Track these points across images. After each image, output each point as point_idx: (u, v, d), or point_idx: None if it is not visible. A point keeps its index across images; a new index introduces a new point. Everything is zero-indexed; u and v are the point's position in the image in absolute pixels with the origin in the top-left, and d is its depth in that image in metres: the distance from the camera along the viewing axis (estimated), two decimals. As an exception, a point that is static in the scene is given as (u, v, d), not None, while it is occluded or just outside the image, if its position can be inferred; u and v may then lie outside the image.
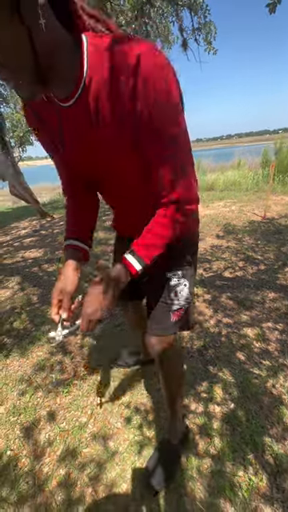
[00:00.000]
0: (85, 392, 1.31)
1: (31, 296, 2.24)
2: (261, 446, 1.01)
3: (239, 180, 6.49)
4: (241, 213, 4.14)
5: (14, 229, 4.64)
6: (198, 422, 1.13)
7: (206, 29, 2.68)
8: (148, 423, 1.14)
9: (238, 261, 2.56)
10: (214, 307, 1.88)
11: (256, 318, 1.74)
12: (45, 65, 0.45)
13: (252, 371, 1.34)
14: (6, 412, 1.24)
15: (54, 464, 1.03)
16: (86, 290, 0.66)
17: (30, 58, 0.42)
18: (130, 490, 0.93)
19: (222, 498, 0.88)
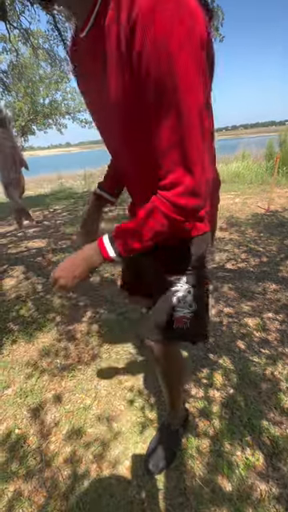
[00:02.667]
0: (89, 376, 1.36)
1: (36, 285, 2.28)
2: (258, 429, 1.06)
3: (243, 172, 6.42)
4: (244, 205, 4.12)
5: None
6: (198, 405, 1.17)
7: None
8: (150, 405, 1.18)
9: (241, 253, 2.58)
10: (215, 297, 1.91)
11: (257, 308, 1.76)
12: None
13: (252, 359, 1.37)
14: (14, 394, 1.29)
15: (60, 442, 1.08)
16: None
17: None
18: (132, 466, 0.98)
19: (219, 475, 0.93)
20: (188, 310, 0.72)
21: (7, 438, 1.11)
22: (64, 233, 3.60)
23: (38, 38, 5.79)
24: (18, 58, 6.84)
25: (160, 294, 0.74)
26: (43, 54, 6.12)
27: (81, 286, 2.14)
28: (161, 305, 0.74)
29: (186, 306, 0.72)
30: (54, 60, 6.02)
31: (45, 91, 9.42)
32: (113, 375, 1.35)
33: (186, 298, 0.72)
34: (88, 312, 1.88)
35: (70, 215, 4.52)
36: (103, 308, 1.91)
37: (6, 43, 5.89)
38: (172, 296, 0.72)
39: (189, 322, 0.73)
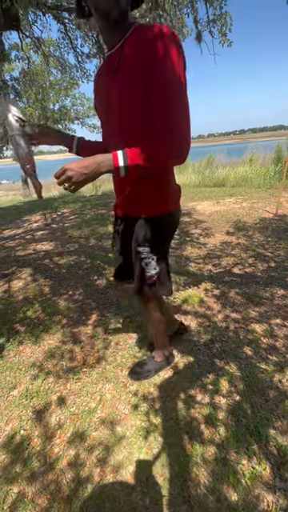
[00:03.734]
0: (94, 379, 1.36)
1: (43, 287, 2.31)
2: (265, 438, 1.03)
3: (251, 176, 6.38)
4: (252, 209, 4.08)
5: (25, 222, 4.73)
6: (204, 411, 1.15)
7: (221, 20, 2.63)
8: (155, 411, 1.17)
9: (248, 257, 2.55)
10: (222, 302, 1.89)
11: (264, 314, 1.74)
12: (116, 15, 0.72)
13: (259, 366, 1.35)
14: (20, 395, 1.30)
15: (64, 445, 1.08)
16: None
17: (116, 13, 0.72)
18: (136, 472, 0.97)
19: (225, 484, 0.91)
20: (154, 272, 1.01)
21: (12, 438, 1.12)
22: (71, 236, 3.64)
23: (49, 46, 5.94)
24: (29, 66, 7.03)
25: (134, 259, 1.03)
26: (54, 62, 6.27)
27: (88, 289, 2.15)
28: (136, 268, 1.03)
29: (151, 269, 1.01)
30: (64, 67, 6.16)
31: (54, 97, 9.63)
32: (118, 379, 1.35)
33: (151, 263, 1.00)
34: (94, 315, 1.89)
35: (78, 218, 4.57)
36: (109, 311, 1.92)
37: (19, 51, 6.07)
38: (141, 262, 1.00)
39: (156, 280, 1.02)
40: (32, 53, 6.37)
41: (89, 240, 3.39)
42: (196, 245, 2.96)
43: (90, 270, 2.56)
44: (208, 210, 4.28)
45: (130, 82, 0.74)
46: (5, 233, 4.15)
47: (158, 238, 0.98)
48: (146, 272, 1.00)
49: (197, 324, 1.70)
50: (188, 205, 4.79)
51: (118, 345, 1.59)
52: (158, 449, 1.03)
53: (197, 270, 2.38)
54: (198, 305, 1.89)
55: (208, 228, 3.46)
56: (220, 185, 6.60)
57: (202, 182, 7.05)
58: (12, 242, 3.62)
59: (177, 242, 3.08)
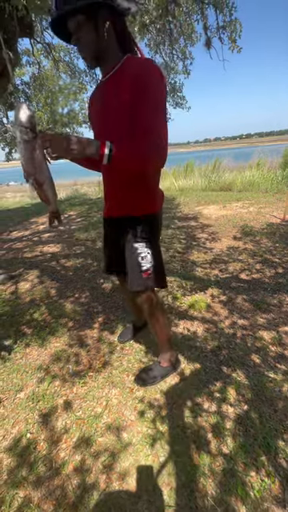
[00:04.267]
0: (100, 384, 1.35)
1: (49, 289, 2.32)
2: (274, 449, 1.01)
3: (258, 181, 6.34)
4: (259, 214, 4.06)
5: (33, 224, 4.79)
6: (211, 420, 1.14)
7: (230, 27, 2.64)
8: (161, 418, 1.16)
9: (255, 263, 2.53)
10: (229, 308, 1.87)
11: (272, 321, 1.71)
12: (98, 52, 0.89)
13: (267, 375, 1.33)
14: (26, 398, 1.31)
15: (70, 450, 1.08)
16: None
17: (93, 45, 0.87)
18: (142, 480, 0.96)
19: (233, 496, 0.90)
20: (149, 265, 1.08)
21: (18, 442, 1.12)
22: (78, 238, 3.66)
23: (59, 51, 6.04)
24: (39, 71, 7.15)
25: (130, 256, 1.09)
26: (63, 67, 6.37)
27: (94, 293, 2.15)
28: (132, 264, 1.09)
29: (147, 263, 1.08)
30: (73, 72, 6.26)
31: (63, 101, 9.77)
32: (124, 384, 1.34)
33: (147, 257, 1.08)
34: (100, 318, 1.89)
35: (84, 221, 4.60)
36: (115, 315, 1.92)
37: (30, 57, 6.18)
38: (138, 256, 1.07)
39: (152, 274, 1.09)
40: (42, 58, 6.49)
41: (95, 243, 3.41)
42: (202, 249, 2.95)
43: (97, 272, 2.57)
44: (214, 215, 4.27)
45: (122, 105, 0.89)
46: (12, 234, 4.20)
47: (151, 234, 1.10)
48: (142, 266, 1.08)
49: (204, 330, 1.69)
50: (194, 209, 4.78)
51: (124, 349, 1.58)
52: (164, 457, 1.02)
53: (203, 275, 2.36)
54: (204, 310, 1.87)
55: (214, 232, 3.45)
56: (227, 189, 6.58)
57: (209, 186, 7.04)
58: (19, 244, 3.66)
59: (183, 246, 3.07)
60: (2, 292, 2.33)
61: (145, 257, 1.08)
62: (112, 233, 1.20)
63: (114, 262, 1.24)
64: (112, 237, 1.20)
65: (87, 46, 0.88)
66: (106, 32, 0.86)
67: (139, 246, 1.07)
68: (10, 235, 4.17)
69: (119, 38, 0.91)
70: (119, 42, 0.92)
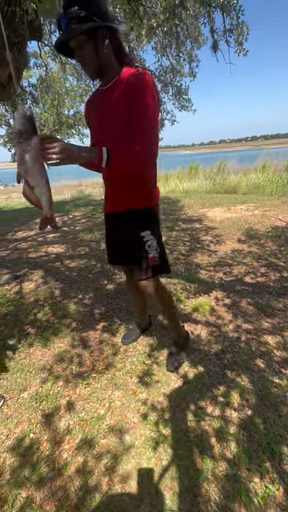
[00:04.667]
0: (103, 385, 1.35)
1: (53, 290, 2.34)
2: (278, 455, 1.00)
3: (263, 183, 6.31)
4: (264, 217, 4.03)
5: (38, 224, 4.82)
6: (215, 424, 1.13)
7: (238, 30, 2.65)
8: (164, 421, 1.16)
9: (260, 266, 2.51)
10: (233, 312, 1.86)
11: (277, 325, 1.70)
12: (99, 67, 0.99)
13: (272, 380, 1.32)
14: (30, 397, 1.31)
15: (73, 451, 1.08)
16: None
17: (95, 61, 0.96)
18: (145, 483, 0.96)
19: (236, 503, 0.89)
20: (156, 252, 1.17)
21: (22, 441, 1.12)
22: (82, 239, 3.68)
23: (66, 54, 6.11)
24: (46, 73, 7.23)
25: (137, 245, 1.17)
26: (70, 69, 6.44)
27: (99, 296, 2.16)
28: (139, 253, 1.17)
29: (153, 250, 1.17)
30: (79, 74, 6.31)
31: (70, 103, 9.86)
32: (127, 386, 1.34)
33: (153, 245, 1.17)
34: (103, 320, 1.89)
35: (89, 222, 4.62)
36: (119, 316, 1.92)
37: (37, 59, 6.26)
38: (144, 245, 1.16)
39: (158, 260, 1.18)
40: (50, 60, 6.55)
41: (100, 244, 3.42)
42: (206, 252, 2.94)
43: (101, 274, 2.58)
44: (219, 217, 4.26)
45: (120, 111, 0.98)
46: (17, 234, 4.24)
47: (155, 223, 1.20)
48: (149, 254, 1.16)
49: (207, 333, 1.68)
50: (199, 211, 4.78)
51: (128, 351, 1.58)
52: (167, 461, 1.02)
53: (207, 278, 2.35)
54: (208, 313, 1.86)
55: (219, 235, 3.44)
56: (231, 191, 6.56)
57: (213, 188, 7.02)
58: (24, 244, 3.69)
59: (187, 248, 3.07)
60: (6, 292, 2.35)
61: (151, 245, 1.17)
62: (115, 228, 1.26)
63: (118, 256, 1.31)
64: (115, 231, 1.26)
65: (89, 63, 0.97)
66: (105, 49, 0.96)
67: (145, 235, 1.16)
68: (15, 235, 4.21)
69: (116, 52, 1.01)
70: (116, 55, 1.02)
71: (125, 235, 1.21)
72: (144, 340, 1.65)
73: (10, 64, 0.98)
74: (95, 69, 0.98)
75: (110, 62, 1.00)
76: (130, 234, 1.19)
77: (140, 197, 1.14)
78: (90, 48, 0.93)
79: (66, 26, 0.88)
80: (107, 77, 1.02)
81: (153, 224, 1.19)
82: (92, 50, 0.93)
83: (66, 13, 0.87)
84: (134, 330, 1.69)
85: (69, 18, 0.87)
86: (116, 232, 1.26)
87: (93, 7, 0.87)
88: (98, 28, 0.90)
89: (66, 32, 0.90)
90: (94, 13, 0.87)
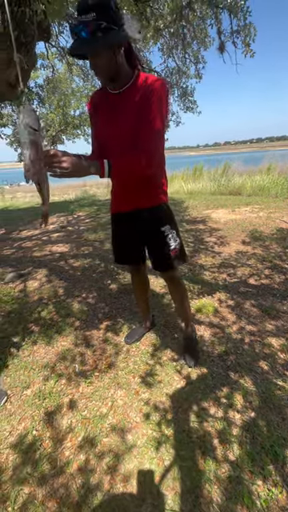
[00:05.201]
0: (106, 384, 1.36)
1: (57, 288, 2.35)
2: (282, 458, 0.99)
3: (268, 185, 6.27)
4: (269, 219, 4.01)
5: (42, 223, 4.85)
6: (217, 426, 1.12)
7: (245, 31, 2.64)
8: (167, 421, 1.15)
9: (264, 268, 2.49)
10: (237, 313, 1.85)
11: (282, 328, 1.69)
12: (114, 73, 0.99)
13: (275, 382, 1.31)
14: (33, 395, 1.32)
15: (75, 449, 1.08)
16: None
17: (111, 69, 0.97)
18: (146, 483, 0.96)
19: (239, 504, 0.88)
20: (176, 243, 1.26)
21: (24, 438, 1.13)
22: (86, 239, 3.69)
23: (73, 55, 6.16)
24: (53, 74, 7.30)
25: (158, 240, 1.25)
26: (77, 70, 6.49)
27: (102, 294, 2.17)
28: (161, 245, 1.25)
29: (174, 241, 1.26)
30: (86, 75, 6.36)
31: (75, 103, 9.93)
32: (130, 385, 1.34)
33: (174, 236, 1.25)
34: (106, 319, 1.90)
35: (93, 222, 4.64)
36: (122, 316, 1.92)
37: (44, 60, 6.32)
38: (166, 237, 1.24)
39: (178, 251, 1.27)
40: (56, 61, 6.62)
41: (104, 244, 3.43)
42: (210, 253, 2.93)
43: (104, 273, 2.59)
44: (223, 219, 4.24)
45: (136, 116, 1.01)
46: (22, 233, 4.27)
47: (172, 217, 1.28)
48: (170, 246, 1.24)
49: (211, 334, 1.67)
50: (203, 212, 4.76)
51: (130, 351, 1.58)
52: (169, 461, 1.02)
53: (211, 279, 2.35)
54: (212, 314, 1.86)
55: (223, 236, 3.42)
56: (236, 193, 6.53)
57: (218, 189, 7.00)
58: (29, 243, 3.72)
59: (191, 249, 3.06)
60: (11, 290, 2.37)
61: (172, 237, 1.25)
62: (128, 226, 1.29)
63: (130, 253, 1.37)
64: (128, 229, 1.30)
65: (105, 71, 0.97)
66: (121, 57, 0.97)
67: (166, 229, 1.23)
68: (19, 234, 4.24)
69: (128, 56, 1.03)
70: (127, 58, 1.03)
71: (142, 233, 1.27)
72: (147, 340, 1.65)
73: (17, 65, 0.99)
74: (110, 76, 0.99)
75: (124, 67, 1.01)
76: (150, 230, 1.25)
77: (155, 194, 1.20)
78: (106, 57, 0.92)
79: (86, 34, 0.84)
80: (120, 81, 1.02)
81: (171, 218, 1.27)
82: (109, 59, 0.93)
83: (84, 22, 0.83)
84: (137, 330, 1.69)
85: (88, 27, 0.83)
86: (129, 231, 1.29)
87: (110, 13, 0.84)
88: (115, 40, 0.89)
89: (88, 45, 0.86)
90: (111, 20, 0.85)
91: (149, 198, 1.20)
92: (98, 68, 0.96)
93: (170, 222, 1.25)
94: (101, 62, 0.93)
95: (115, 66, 0.96)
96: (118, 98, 1.05)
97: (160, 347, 1.59)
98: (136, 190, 1.17)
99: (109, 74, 0.98)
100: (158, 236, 1.24)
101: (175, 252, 1.26)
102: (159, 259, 1.31)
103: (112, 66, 0.96)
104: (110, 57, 0.93)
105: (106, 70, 0.97)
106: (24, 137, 0.87)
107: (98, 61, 0.93)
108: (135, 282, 1.55)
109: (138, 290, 1.58)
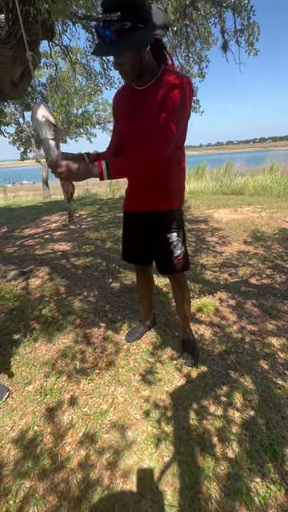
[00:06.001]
0: (106, 381, 1.37)
1: (59, 287, 2.36)
2: (281, 456, 1.00)
3: (270, 185, 6.26)
4: (271, 219, 4.00)
5: (44, 222, 4.87)
6: (217, 424, 1.13)
7: (248, 30, 2.63)
8: (166, 419, 1.16)
9: (266, 268, 2.49)
10: (238, 313, 1.86)
11: (282, 327, 1.69)
12: (139, 72, 0.97)
13: (275, 381, 1.31)
14: (34, 391, 1.33)
15: (76, 445, 1.09)
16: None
17: (135, 68, 0.94)
18: (146, 479, 0.97)
19: (237, 501, 0.89)
20: (180, 251, 1.25)
21: (26, 434, 1.14)
22: (88, 237, 3.70)
23: (76, 53, 6.16)
24: (56, 72, 7.31)
25: (163, 245, 1.24)
26: (80, 69, 6.49)
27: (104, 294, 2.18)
28: (165, 251, 1.24)
29: (178, 249, 1.24)
30: (89, 74, 6.35)
31: (78, 102, 9.93)
32: (130, 383, 1.35)
33: (178, 244, 1.24)
34: (107, 317, 1.91)
35: (95, 221, 4.65)
36: (123, 314, 1.93)
37: (48, 58, 6.32)
38: (170, 244, 1.23)
39: (182, 258, 1.26)
40: (60, 60, 6.62)
41: (105, 242, 3.44)
42: (212, 253, 2.93)
43: (106, 272, 2.60)
44: (225, 218, 4.24)
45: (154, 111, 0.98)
46: (25, 232, 4.29)
47: (181, 224, 1.26)
48: (174, 253, 1.23)
49: (211, 333, 1.68)
50: (205, 212, 4.76)
51: (131, 349, 1.59)
52: (168, 457, 1.02)
53: (212, 279, 2.35)
54: (212, 314, 1.86)
55: (225, 236, 3.42)
56: (238, 193, 6.52)
57: (220, 189, 6.99)
58: (31, 241, 3.73)
59: (193, 249, 3.06)
60: (13, 287, 2.39)
61: (176, 245, 1.23)
62: (139, 225, 1.29)
63: (138, 252, 1.38)
64: (139, 229, 1.29)
65: (129, 71, 0.94)
66: (146, 54, 0.93)
67: (173, 236, 1.22)
68: (22, 232, 4.26)
69: (154, 51, 0.98)
70: (154, 53, 0.99)
71: (150, 234, 1.26)
72: (148, 338, 1.66)
73: (30, 64, 0.99)
74: (135, 75, 0.96)
75: (150, 63, 0.97)
76: (156, 232, 1.24)
77: (168, 198, 1.18)
78: (131, 57, 0.90)
79: (111, 34, 0.81)
80: (145, 77, 0.99)
81: (179, 225, 1.24)
82: (134, 59, 0.91)
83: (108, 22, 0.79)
84: (137, 328, 1.70)
85: (113, 27, 0.79)
86: (141, 230, 1.29)
87: (137, 11, 0.80)
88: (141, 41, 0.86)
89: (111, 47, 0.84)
90: (137, 19, 0.81)
91: (163, 200, 1.17)
92: (121, 68, 0.94)
93: (178, 229, 1.23)
94: (124, 62, 0.91)
95: (140, 64, 0.93)
96: (141, 94, 1.02)
97: (160, 345, 1.59)
98: (151, 190, 1.15)
99: (133, 73, 0.95)
100: (164, 241, 1.23)
101: (178, 260, 1.25)
102: (162, 263, 1.31)
103: (136, 66, 0.93)
104: (135, 56, 0.90)
105: (130, 70, 0.94)
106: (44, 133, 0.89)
107: (122, 61, 0.92)
108: (140, 280, 1.56)
109: (142, 288, 1.59)
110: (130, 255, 1.41)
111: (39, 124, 0.89)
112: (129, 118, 1.08)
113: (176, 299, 1.50)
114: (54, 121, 0.91)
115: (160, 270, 1.34)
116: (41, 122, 0.88)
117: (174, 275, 1.36)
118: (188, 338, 1.53)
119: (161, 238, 1.23)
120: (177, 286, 1.41)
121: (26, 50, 0.87)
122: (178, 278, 1.38)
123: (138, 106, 1.04)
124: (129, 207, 1.29)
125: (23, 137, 9.86)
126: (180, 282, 1.39)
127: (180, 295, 1.44)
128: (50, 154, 0.90)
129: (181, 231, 1.25)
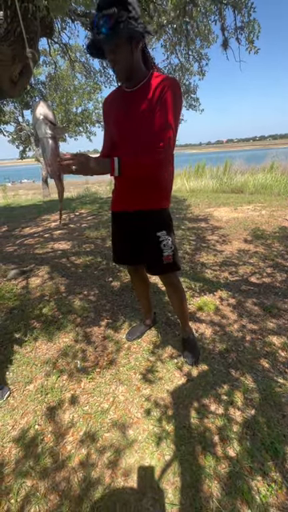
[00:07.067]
0: (107, 380, 1.37)
1: (59, 285, 2.36)
2: (282, 455, 1.00)
3: (271, 184, 6.24)
4: (271, 218, 3.99)
5: (44, 221, 4.87)
6: (218, 423, 1.13)
7: (249, 28, 2.61)
8: (167, 418, 1.16)
9: (266, 267, 2.49)
10: (238, 311, 1.85)
11: (283, 326, 1.69)
12: (131, 71, 1.02)
13: (276, 380, 1.31)
14: (35, 390, 1.33)
15: (77, 443, 1.09)
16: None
17: (129, 65, 0.99)
18: (147, 477, 0.97)
19: (238, 499, 0.89)
20: (170, 251, 1.23)
21: (27, 432, 1.14)
22: (88, 236, 3.70)
23: (75, 51, 6.13)
24: (55, 70, 7.28)
25: (152, 244, 1.23)
26: (79, 67, 6.46)
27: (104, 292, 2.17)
28: (154, 251, 1.23)
29: (168, 248, 1.23)
30: (88, 72, 6.32)
31: (78, 100, 9.89)
32: (131, 381, 1.35)
33: (168, 243, 1.22)
34: (108, 316, 1.91)
35: (95, 219, 4.64)
36: (123, 313, 1.93)
37: (47, 56, 6.29)
38: (161, 243, 1.22)
39: (172, 258, 1.24)
40: (59, 58, 6.59)
41: (105, 241, 3.44)
42: (212, 251, 2.92)
43: (106, 271, 2.59)
44: (225, 217, 4.23)
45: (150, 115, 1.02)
46: (25, 231, 4.28)
47: (170, 224, 1.26)
48: (164, 252, 1.22)
49: (212, 332, 1.67)
50: (205, 210, 4.75)
51: (132, 347, 1.59)
52: (169, 456, 1.03)
53: (213, 277, 2.35)
54: (213, 312, 1.86)
55: (225, 235, 3.42)
56: (238, 191, 6.51)
57: (220, 187, 6.98)
58: (31, 240, 3.73)
59: (193, 247, 3.06)
60: (13, 286, 2.39)
61: (166, 244, 1.22)
62: (127, 227, 1.28)
63: (128, 253, 1.35)
64: (128, 229, 1.28)
65: (123, 66, 0.99)
66: (138, 53, 1.00)
67: (162, 235, 1.21)
68: (22, 231, 4.26)
69: (144, 55, 1.05)
70: (143, 58, 1.06)
71: (140, 234, 1.25)
72: (148, 337, 1.66)
73: (30, 61, 0.98)
74: (128, 72, 1.01)
75: (140, 65, 1.04)
76: (145, 232, 1.23)
77: (159, 197, 1.19)
78: (125, 51, 0.95)
79: (107, 28, 0.87)
80: (135, 80, 1.05)
81: (168, 224, 1.25)
82: (127, 54, 0.96)
83: (105, 14, 0.86)
84: (138, 327, 1.70)
85: (110, 20, 0.86)
86: (129, 231, 1.28)
87: (130, 10, 0.88)
88: (135, 32, 0.91)
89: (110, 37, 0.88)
90: (131, 16, 0.88)
91: (153, 200, 1.18)
92: (115, 62, 0.98)
93: (167, 229, 1.23)
94: (118, 55, 0.95)
95: (132, 61, 0.98)
96: (131, 95, 1.06)
97: (161, 344, 1.59)
98: (141, 190, 1.15)
99: (126, 69, 1.00)
100: (152, 241, 1.22)
101: (168, 259, 1.24)
102: (151, 263, 1.30)
103: (129, 62, 0.97)
104: (129, 51, 0.95)
105: (123, 65, 0.98)
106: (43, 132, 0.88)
107: (118, 55, 0.95)
108: (134, 281, 1.57)
109: (138, 288, 1.59)
110: (120, 257, 1.40)
111: (38, 122, 0.88)
112: (120, 120, 1.11)
113: (171, 300, 1.49)
114: (53, 118, 0.90)
115: (150, 270, 1.32)
116: (39, 119, 0.88)
117: (167, 276, 1.34)
118: (188, 337, 1.53)
119: (150, 237, 1.23)
120: (170, 287, 1.40)
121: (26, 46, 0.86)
122: (171, 279, 1.36)
123: (129, 108, 1.07)
124: (117, 207, 1.28)
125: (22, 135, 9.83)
126: (173, 283, 1.38)
127: (175, 296, 1.43)
128: (46, 152, 0.90)
129: (170, 231, 1.24)
